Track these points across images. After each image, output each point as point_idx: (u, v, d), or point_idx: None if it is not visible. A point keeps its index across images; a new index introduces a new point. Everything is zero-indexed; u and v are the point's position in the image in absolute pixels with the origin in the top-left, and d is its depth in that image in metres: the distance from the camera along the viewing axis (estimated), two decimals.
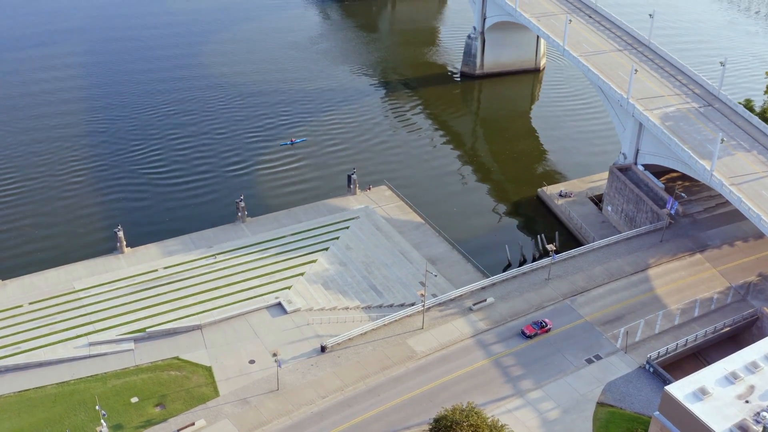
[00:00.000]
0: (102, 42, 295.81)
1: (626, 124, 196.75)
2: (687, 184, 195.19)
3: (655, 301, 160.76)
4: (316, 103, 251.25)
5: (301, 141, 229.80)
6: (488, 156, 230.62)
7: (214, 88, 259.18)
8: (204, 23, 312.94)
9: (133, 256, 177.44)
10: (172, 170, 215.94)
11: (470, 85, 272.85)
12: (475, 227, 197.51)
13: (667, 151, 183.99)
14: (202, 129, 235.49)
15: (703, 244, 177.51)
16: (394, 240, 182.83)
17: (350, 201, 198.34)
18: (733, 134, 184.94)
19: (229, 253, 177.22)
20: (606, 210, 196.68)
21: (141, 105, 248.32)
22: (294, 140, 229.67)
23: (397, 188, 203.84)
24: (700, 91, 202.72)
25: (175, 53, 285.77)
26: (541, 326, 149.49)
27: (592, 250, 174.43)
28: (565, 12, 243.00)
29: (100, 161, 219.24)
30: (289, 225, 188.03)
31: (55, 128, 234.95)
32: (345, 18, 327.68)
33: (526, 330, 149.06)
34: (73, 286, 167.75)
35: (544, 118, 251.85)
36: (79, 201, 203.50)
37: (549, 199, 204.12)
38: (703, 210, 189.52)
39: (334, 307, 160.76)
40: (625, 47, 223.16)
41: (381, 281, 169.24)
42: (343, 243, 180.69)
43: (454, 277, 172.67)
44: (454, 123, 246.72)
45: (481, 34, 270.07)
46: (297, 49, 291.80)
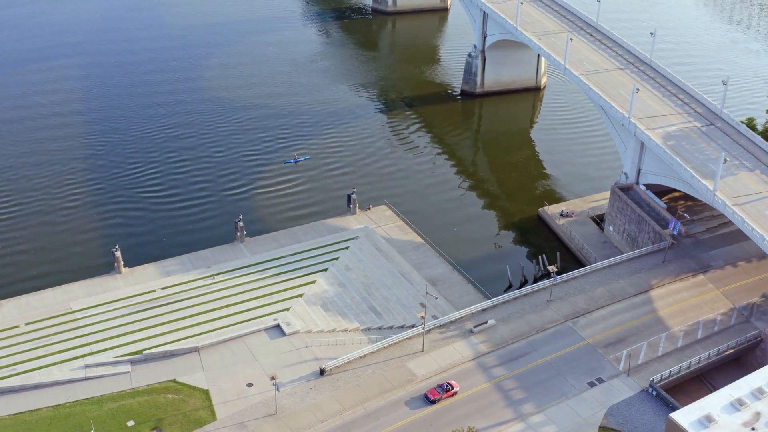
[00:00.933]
0: (99, 60, 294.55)
1: (628, 143, 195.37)
2: (689, 204, 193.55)
3: (658, 322, 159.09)
4: (315, 122, 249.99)
5: (304, 159, 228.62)
6: (489, 175, 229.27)
7: (212, 107, 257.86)
8: (203, 41, 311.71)
9: (130, 276, 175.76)
10: (170, 189, 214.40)
11: (471, 103, 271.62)
12: (475, 247, 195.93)
13: (669, 171, 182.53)
14: (200, 147, 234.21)
15: (706, 265, 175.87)
16: (394, 260, 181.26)
17: (350, 221, 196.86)
18: (736, 153, 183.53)
19: (228, 273, 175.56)
20: (608, 230, 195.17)
21: (139, 124, 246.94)
22: (298, 158, 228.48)
23: (397, 208, 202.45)
24: (702, 110, 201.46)
25: (172, 72, 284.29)
26: (446, 390, 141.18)
27: (594, 271, 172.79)
28: (566, 30, 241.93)
29: (97, 180, 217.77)
30: (288, 245, 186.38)
31: (52, 147, 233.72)
32: (345, 36, 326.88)
33: (429, 394, 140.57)
34: (69, 306, 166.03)
35: (545, 137, 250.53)
36: (77, 220, 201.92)
37: (550, 218, 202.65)
38: (706, 230, 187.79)
39: (333, 329, 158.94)
40: (627, 66, 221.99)
41: (381, 302, 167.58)
42: (342, 263, 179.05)
43: (454, 298, 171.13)
44: (454, 142, 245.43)
45: (481, 52, 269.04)
46: (296, 67, 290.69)
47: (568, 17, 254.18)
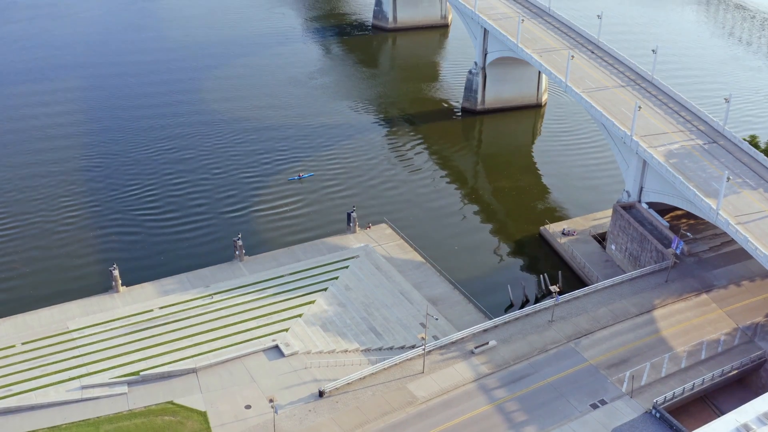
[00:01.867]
0: (97, 78, 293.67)
1: (630, 161, 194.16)
2: (692, 222, 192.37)
3: (661, 343, 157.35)
4: (315, 140, 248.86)
5: (308, 176, 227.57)
6: (490, 193, 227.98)
7: (211, 124, 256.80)
8: (202, 58, 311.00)
9: (128, 296, 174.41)
10: (168, 207, 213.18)
11: (471, 120, 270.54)
12: (476, 266, 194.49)
13: (672, 189, 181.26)
14: (199, 165, 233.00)
15: (709, 284, 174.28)
16: (395, 280, 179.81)
17: (350, 239, 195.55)
18: (739, 171, 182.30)
19: (226, 293, 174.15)
20: (610, 249, 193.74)
21: (137, 141, 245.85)
22: (302, 175, 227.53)
23: (398, 226, 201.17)
24: (705, 127, 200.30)
25: (171, 90, 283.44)
26: None
27: (596, 291, 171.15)
28: (568, 47, 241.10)
29: (95, 197, 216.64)
30: (287, 264, 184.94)
31: (49, 164, 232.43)
32: (345, 52, 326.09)
33: None
34: (66, 326, 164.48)
35: (546, 155, 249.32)
36: (75, 238, 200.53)
37: (551, 237, 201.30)
38: (709, 249, 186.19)
39: (333, 350, 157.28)
40: (628, 83, 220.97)
41: (381, 323, 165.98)
42: (342, 283, 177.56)
43: (455, 318, 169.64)
44: (455, 159, 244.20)
45: (482, 69, 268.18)
46: (296, 84, 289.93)
47: (569, 34, 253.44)
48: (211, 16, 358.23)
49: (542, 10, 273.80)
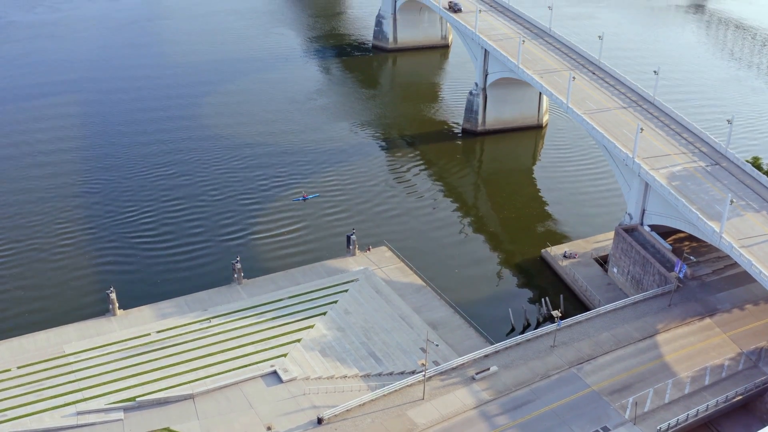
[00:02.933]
0: (95, 97, 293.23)
1: (632, 183, 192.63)
2: (694, 245, 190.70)
3: (665, 368, 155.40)
4: (315, 161, 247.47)
5: (313, 197, 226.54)
6: (490, 215, 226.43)
7: (209, 146, 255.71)
8: (201, 79, 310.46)
9: (125, 319, 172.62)
10: (166, 229, 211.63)
11: (472, 142, 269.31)
12: (477, 289, 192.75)
13: (675, 212, 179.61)
14: (198, 187, 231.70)
15: (712, 308, 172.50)
16: (395, 304, 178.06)
17: (349, 262, 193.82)
18: (742, 194, 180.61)
19: (224, 317, 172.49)
20: (612, 272, 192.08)
21: (134, 163, 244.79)
22: (306, 196, 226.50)
23: (398, 249, 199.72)
24: (707, 149, 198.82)
25: (169, 111, 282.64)
26: None
27: (599, 315, 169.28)
28: (569, 68, 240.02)
29: (92, 220, 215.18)
30: (286, 287, 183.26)
31: (46, 185, 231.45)
32: (345, 72, 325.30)
33: None
34: (63, 349, 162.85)
35: (547, 176, 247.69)
36: (71, 261, 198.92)
37: (553, 260, 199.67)
38: (712, 272, 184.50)
39: (332, 375, 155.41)
40: (630, 104, 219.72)
41: (380, 347, 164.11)
42: (341, 307, 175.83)
43: (456, 342, 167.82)
44: (455, 181, 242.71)
45: (482, 90, 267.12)
46: (296, 105, 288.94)
47: (570, 55, 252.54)
48: (209, 37, 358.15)
49: (543, 30, 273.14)
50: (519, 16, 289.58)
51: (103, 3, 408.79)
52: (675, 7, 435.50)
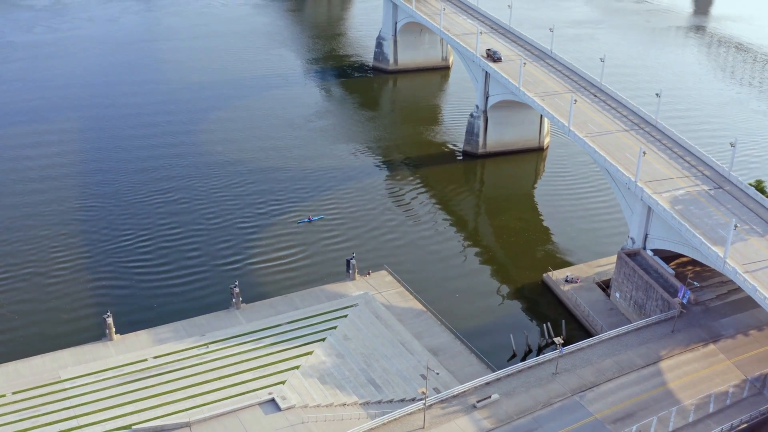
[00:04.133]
0: (93, 118, 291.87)
1: (634, 207, 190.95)
2: (698, 269, 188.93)
3: (668, 396, 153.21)
4: (314, 184, 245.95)
5: (318, 219, 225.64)
6: (491, 238, 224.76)
7: (207, 169, 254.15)
8: (199, 100, 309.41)
9: (122, 344, 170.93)
10: (164, 253, 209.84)
11: (472, 164, 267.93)
12: (478, 314, 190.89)
13: (678, 237, 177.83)
14: (195, 210, 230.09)
15: (716, 334, 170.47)
16: (395, 329, 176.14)
17: (349, 287, 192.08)
18: (746, 218, 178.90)
19: (222, 342, 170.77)
20: (614, 296, 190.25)
21: (132, 185, 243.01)
22: (311, 218, 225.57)
23: (398, 273, 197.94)
24: (710, 172, 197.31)
25: (167, 131, 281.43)
26: None
27: (601, 342, 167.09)
28: (570, 91, 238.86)
29: (89, 243, 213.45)
30: (285, 312, 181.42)
31: (42, 207, 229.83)
32: (345, 94, 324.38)
33: None
34: (59, 375, 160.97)
35: (549, 199, 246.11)
36: (68, 284, 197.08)
37: (555, 284, 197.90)
38: (716, 297, 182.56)
39: (331, 403, 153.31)
40: (632, 127, 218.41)
41: (380, 374, 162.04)
42: (341, 333, 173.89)
43: (456, 369, 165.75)
44: (456, 204, 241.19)
45: (483, 112, 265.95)
46: (295, 127, 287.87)
47: (571, 77, 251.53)
48: (208, 58, 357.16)
49: (544, 52, 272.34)
50: (520, 38, 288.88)
51: (102, 23, 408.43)
52: (675, 28, 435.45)
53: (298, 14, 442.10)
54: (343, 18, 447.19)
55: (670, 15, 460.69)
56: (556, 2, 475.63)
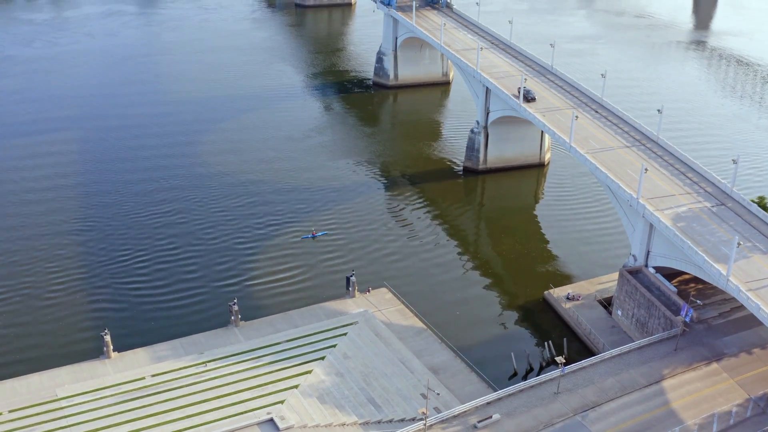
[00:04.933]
0: (91, 133, 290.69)
1: (636, 224, 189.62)
2: (700, 287, 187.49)
3: (671, 415, 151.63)
4: (313, 200, 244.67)
5: (322, 234, 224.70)
6: (492, 255, 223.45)
7: (205, 185, 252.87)
8: (198, 116, 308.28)
9: (120, 362, 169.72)
10: (162, 270, 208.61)
11: (473, 180, 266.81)
12: (479, 332, 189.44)
13: (680, 254, 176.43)
14: (193, 227, 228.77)
15: (719, 353, 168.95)
16: (395, 347, 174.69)
17: (349, 304, 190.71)
18: (748, 235, 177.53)
19: (221, 360, 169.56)
20: (616, 314, 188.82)
21: (129, 202, 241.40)
22: (315, 233, 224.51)
23: (398, 290, 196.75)
24: (712, 189, 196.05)
25: (164, 147, 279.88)
26: None
27: (603, 361, 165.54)
28: (571, 107, 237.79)
29: (86, 260, 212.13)
30: (284, 330, 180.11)
31: (39, 225, 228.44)
32: (346, 109, 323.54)
33: None
34: (56, 393, 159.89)
35: (550, 216, 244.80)
36: (65, 301, 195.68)
37: (556, 302, 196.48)
38: (718, 315, 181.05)
39: (330, 423, 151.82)
40: (633, 144, 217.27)
41: (380, 393, 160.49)
42: (340, 351, 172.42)
43: (457, 388, 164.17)
44: (456, 220, 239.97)
45: (484, 128, 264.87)
46: (295, 142, 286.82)
47: (572, 93, 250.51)
48: (208, 73, 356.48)
49: (545, 68, 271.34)
50: (520, 53, 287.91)
51: (102, 38, 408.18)
52: (676, 44, 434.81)
53: (299, 29, 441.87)
54: (344, 33, 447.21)
55: (670, 30, 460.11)
56: (556, 17, 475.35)
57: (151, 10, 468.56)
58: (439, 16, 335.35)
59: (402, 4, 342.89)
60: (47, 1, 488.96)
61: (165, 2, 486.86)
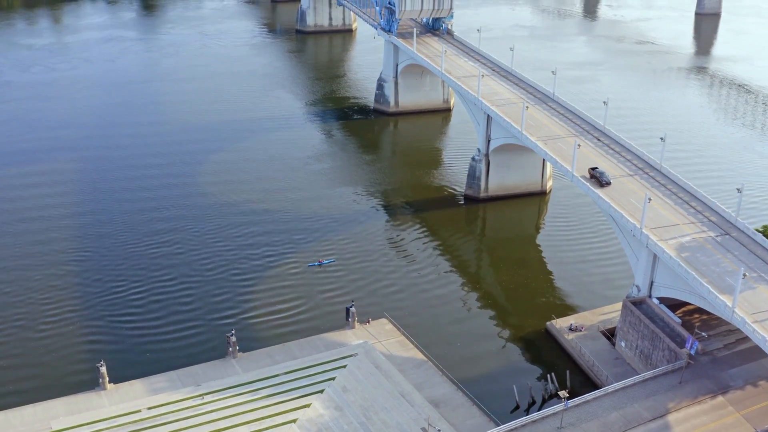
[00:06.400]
0: (89, 160, 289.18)
1: (639, 254, 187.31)
2: (704, 317, 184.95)
3: None
4: (313, 230, 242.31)
5: (329, 262, 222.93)
6: (494, 285, 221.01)
7: (203, 213, 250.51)
8: (195, 143, 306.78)
9: (115, 394, 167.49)
10: (158, 300, 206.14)
11: (474, 208, 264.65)
12: (480, 364, 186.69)
13: (684, 285, 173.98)
14: (190, 256, 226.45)
15: (724, 386, 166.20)
16: (395, 380, 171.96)
17: (348, 335, 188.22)
18: (754, 266, 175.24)
19: (218, 393, 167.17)
20: (619, 346, 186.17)
21: (126, 231, 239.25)
22: (322, 261, 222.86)
23: (398, 321, 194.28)
24: (717, 218, 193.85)
25: (161, 176, 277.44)
26: None
27: (607, 394, 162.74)
28: (573, 135, 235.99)
29: (82, 289, 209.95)
30: (283, 362, 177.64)
31: (35, 254, 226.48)
32: (346, 136, 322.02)
33: None
34: (50, 425, 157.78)
35: (552, 245, 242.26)
36: (61, 332, 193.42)
37: (558, 333, 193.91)
38: (723, 346, 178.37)
39: None
40: (636, 172, 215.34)
41: (380, 428, 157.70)
42: (339, 384, 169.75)
43: (458, 422, 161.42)
44: (457, 250, 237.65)
45: (485, 156, 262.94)
46: (293, 170, 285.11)
47: (574, 120, 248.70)
48: (206, 99, 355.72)
49: (546, 95, 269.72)
50: (522, 80, 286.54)
51: (101, 63, 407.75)
52: (677, 69, 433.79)
53: (299, 55, 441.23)
54: (344, 59, 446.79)
55: (671, 56, 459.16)
56: (556, 43, 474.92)
57: (150, 35, 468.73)
58: (440, 42, 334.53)
59: (403, 30, 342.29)
60: (47, 26, 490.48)
61: (164, 28, 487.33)
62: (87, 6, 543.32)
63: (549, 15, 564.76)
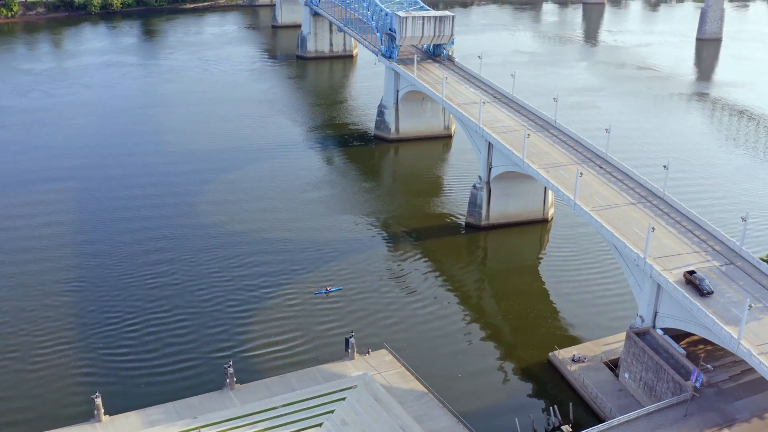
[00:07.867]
0: (86, 187, 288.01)
1: (643, 285, 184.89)
2: (709, 348, 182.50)
3: None
4: (312, 259, 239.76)
5: (336, 290, 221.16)
6: (495, 315, 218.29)
7: (200, 243, 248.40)
8: (193, 170, 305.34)
9: (111, 426, 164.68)
10: (155, 331, 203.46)
11: (475, 237, 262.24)
12: (481, 396, 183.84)
13: (689, 316, 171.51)
14: (187, 286, 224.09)
15: (730, 418, 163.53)
16: (394, 413, 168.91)
17: (348, 367, 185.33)
18: (759, 295, 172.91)
19: (215, 425, 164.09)
20: (623, 377, 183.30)
21: (123, 260, 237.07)
22: (329, 289, 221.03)
23: (399, 352, 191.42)
24: (721, 247, 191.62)
25: (158, 205, 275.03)
26: None
27: (611, 428, 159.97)
28: (575, 163, 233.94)
29: (77, 320, 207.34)
30: (281, 394, 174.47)
31: (31, 283, 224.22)
32: (346, 163, 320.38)
33: None
34: None
35: (554, 274, 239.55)
36: (55, 363, 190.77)
37: (561, 364, 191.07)
38: (729, 378, 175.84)
39: None
40: (639, 200, 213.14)
41: None
42: (338, 417, 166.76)
43: None
44: (458, 279, 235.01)
45: (486, 183, 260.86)
46: (293, 197, 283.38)
47: (576, 148, 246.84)
48: (204, 125, 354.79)
49: (548, 123, 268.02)
50: (523, 107, 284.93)
51: (99, 89, 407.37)
52: (678, 95, 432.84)
53: (299, 81, 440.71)
54: (345, 86, 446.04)
55: (672, 81, 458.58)
56: (556, 69, 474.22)
57: (150, 61, 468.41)
58: (440, 69, 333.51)
59: (404, 56, 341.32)
60: (47, 51, 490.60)
61: (164, 53, 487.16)
62: (87, 31, 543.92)
63: (549, 40, 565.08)
